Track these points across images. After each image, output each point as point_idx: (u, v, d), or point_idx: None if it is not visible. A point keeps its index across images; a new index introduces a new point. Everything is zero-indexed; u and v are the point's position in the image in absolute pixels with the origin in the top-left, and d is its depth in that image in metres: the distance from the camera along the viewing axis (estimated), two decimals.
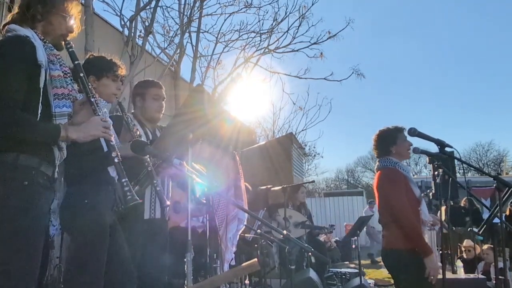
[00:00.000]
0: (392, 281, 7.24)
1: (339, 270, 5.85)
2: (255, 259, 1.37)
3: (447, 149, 2.32)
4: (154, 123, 2.57)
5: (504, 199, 2.71)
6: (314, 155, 18.67)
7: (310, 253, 1.82)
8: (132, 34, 7.16)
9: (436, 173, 2.65)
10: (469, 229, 6.72)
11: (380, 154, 2.86)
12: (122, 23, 7.34)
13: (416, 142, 2.93)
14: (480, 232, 2.43)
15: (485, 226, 2.47)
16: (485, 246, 5.58)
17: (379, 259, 8.75)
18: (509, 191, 2.40)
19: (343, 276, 5.53)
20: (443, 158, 2.52)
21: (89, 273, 1.88)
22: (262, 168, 6.48)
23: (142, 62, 7.09)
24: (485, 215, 8.28)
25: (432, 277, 2.49)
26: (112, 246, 1.99)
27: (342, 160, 55.99)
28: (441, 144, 2.19)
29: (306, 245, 1.65)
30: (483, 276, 4.70)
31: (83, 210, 1.94)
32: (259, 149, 6.82)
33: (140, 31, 7.72)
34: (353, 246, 8.77)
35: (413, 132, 2.28)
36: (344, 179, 36.06)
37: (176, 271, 3.28)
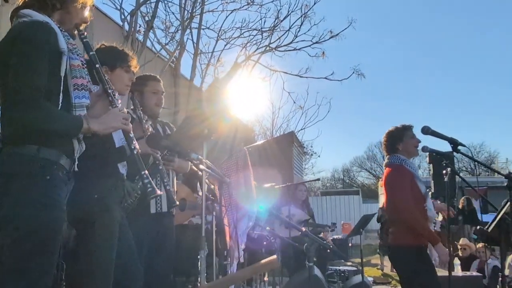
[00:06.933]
0: (390, 279, 7.32)
1: (338, 268, 5.88)
2: (274, 256, 1.35)
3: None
4: (154, 118, 2.54)
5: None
6: (311, 154, 18.73)
7: (329, 250, 1.83)
8: (133, 28, 7.09)
9: (444, 172, 2.70)
10: (478, 227, 6.81)
11: (388, 152, 2.92)
12: (122, 17, 7.29)
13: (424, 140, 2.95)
14: (489, 230, 2.47)
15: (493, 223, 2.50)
16: (480, 245, 5.68)
17: None
18: None
19: (342, 274, 5.56)
20: (443, 159, 2.55)
21: (98, 271, 1.85)
22: (263, 166, 6.47)
23: (142, 58, 7.03)
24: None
25: (443, 262, 2.62)
26: (119, 243, 1.97)
27: (338, 159, 56.28)
28: (454, 142, 2.20)
29: (325, 242, 1.64)
30: (479, 274, 4.81)
31: (91, 205, 1.90)
32: (260, 147, 6.82)
33: (140, 26, 7.66)
34: (350, 244, 8.79)
35: (427, 131, 2.29)
36: (340, 178, 36.23)
37: (180, 268, 3.26)
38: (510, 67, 43.46)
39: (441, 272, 3.48)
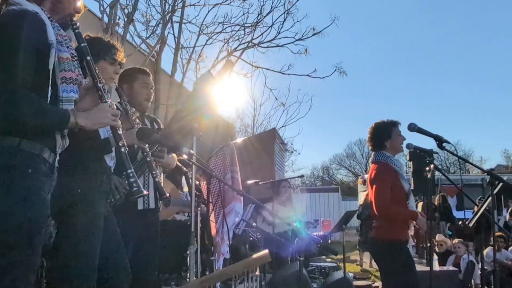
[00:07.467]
0: (369, 275, 7.48)
1: (318, 264, 5.95)
2: (266, 251, 1.34)
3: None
4: (143, 112, 2.50)
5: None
6: (292, 152, 18.82)
7: (319, 245, 1.85)
8: (112, 21, 6.89)
9: (427, 168, 2.76)
10: (460, 222, 7.09)
11: (374, 148, 2.93)
12: (102, 9, 7.06)
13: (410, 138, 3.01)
14: (470, 225, 2.55)
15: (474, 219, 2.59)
16: (456, 240, 5.91)
17: None
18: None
19: (323, 270, 5.63)
20: (427, 156, 2.62)
21: (82, 266, 1.79)
22: (244, 163, 6.44)
23: None
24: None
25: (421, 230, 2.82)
26: (107, 238, 1.91)
27: (318, 157, 56.93)
28: (439, 139, 2.24)
29: (315, 236, 1.65)
30: (455, 268, 5.04)
31: (75, 201, 1.84)
32: (242, 144, 6.79)
33: (119, 19, 7.45)
34: (329, 241, 8.92)
35: (413, 128, 2.32)
36: (320, 176, 36.71)
37: (163, 265, 3.20)
38: (487, 67, 45.11)
39: (421, 267, 3.61)
